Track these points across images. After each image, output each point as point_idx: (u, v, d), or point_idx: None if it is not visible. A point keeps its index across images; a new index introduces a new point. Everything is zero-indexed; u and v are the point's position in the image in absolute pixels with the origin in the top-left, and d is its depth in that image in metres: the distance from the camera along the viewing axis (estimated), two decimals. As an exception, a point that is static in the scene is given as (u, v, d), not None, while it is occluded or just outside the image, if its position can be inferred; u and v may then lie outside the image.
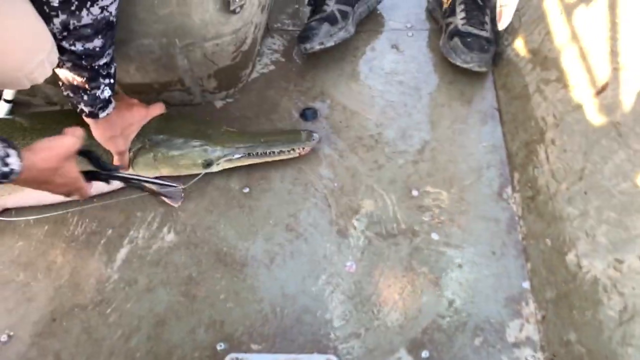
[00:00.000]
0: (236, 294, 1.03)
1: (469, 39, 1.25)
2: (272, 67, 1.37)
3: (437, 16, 1.41)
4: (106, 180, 0.95)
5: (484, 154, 1.19)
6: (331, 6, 1.30)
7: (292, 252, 1.07)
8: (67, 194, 0.89)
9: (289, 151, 1.12)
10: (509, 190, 1.14)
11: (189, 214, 1.13)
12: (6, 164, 0.71)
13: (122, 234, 1.11)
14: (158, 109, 1.13)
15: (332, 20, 1.28)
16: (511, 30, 1.31)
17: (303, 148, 1.13)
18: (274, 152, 1.12)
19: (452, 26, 1.30)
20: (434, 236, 1.08)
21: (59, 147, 0.81)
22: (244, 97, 1.31)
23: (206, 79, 1.21)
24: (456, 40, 1.26)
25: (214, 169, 1.11)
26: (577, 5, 1.09)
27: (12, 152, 0.72)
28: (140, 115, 1.08)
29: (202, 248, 1.08)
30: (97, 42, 0.85)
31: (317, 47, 1.26)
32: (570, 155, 1.00)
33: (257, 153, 1.11)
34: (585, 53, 1.03)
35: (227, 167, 1.12)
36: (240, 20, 1.10)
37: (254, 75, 1.35)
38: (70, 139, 0.82)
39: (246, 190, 1.15)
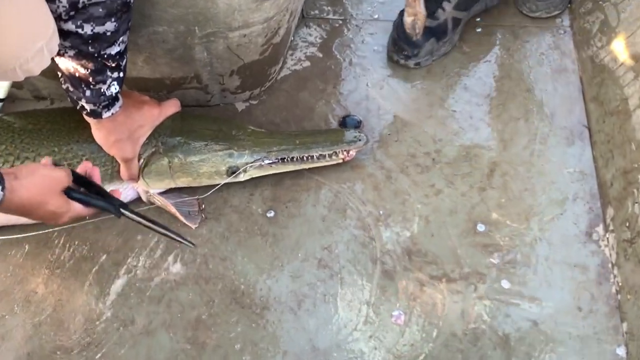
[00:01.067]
0: (254, 344, 1.01)
1: None
2: (306, 64, 1.36)
3: None
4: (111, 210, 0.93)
5: (569, 182, 1.15)
6: (446, 12, 1.28)
7: (325, 294, 1.05)
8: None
9: (330, 156, 1.12)
10: (600, 229, 1.10)
11: (201, 241, 1.11)
12: None
13: (118, 261, 1.10)
14: (173, 106, 1.13)
15: (440, 33, 1.29)
16: (606, 29, 1.26)
17: (348, 151, 1.12)
18: (312, 157, 1.11)
19: None
20: (504, 284, 1.05)
21: (46, 180, 0.82)
22: (271, 98, 1.30)
23: (228, 76, 1.20)
24: None
25: (241, 177, 1.11)
26: (696, 1, 1.04)
27: None
28: (151, 115, 1.08)
29: (214, 284, 1.07)
30: (109, 26, 0.85)
31: (411, 65, 1.29)
32: (684, 190, 0.95)
33: (292, 158, 1.11)
34: None
35: (255, 175, 1.13)
36: (274, 6, 1.09)
37: (284, 72, 1.34)
38: (61, 172, 0.85)
39: (270, 214, 1.14)
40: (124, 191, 1.11)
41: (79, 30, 0.83)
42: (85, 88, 0.92)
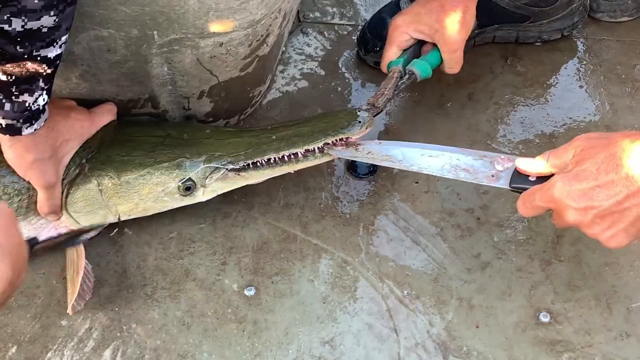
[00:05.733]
0: None
1: None
2: (302, 84, 1.37)
3: None
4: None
5: (668, 254, 1.15)
6: None
7: (327, 409, 1.04)
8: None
9: (321, 150, 1.11)
10: None
11: (150, 329, 1.09)
12: None
13: (34, 356, 1.07)
14: (107, 114, 1.18)
15: None
16: None
17: (345, 139, 1.10)
18: (295, 156, 1.11)
19: None
20: (580, 400, 1.03)
21: None
22: (253, 130, 1.31)
23: (195, 98, 1.20)
24: None
25: (199, 196, 1.13)
26: None
27: None
28: (81, 126, 1.12)
29: (169, 392, 1.05)
30: (47, 20, 0.86)
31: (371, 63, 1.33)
32: None
33: (268, 160, 1.11)
34: None
35: (221, 191, 1.14)
36: (262, 4, 1.09)
37: (273, 95, 1.35)
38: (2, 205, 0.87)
39: (250, 291, 1.13)
40: (43, 231, 1.13)
41: (5, 27, 0.84)
42: (3, 101, 0.93)
